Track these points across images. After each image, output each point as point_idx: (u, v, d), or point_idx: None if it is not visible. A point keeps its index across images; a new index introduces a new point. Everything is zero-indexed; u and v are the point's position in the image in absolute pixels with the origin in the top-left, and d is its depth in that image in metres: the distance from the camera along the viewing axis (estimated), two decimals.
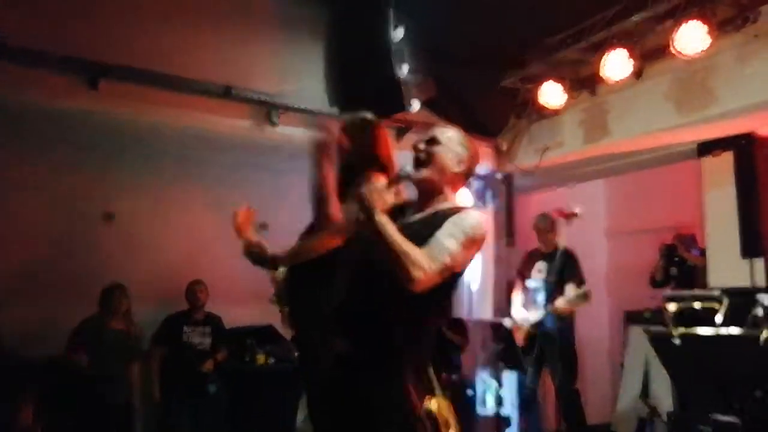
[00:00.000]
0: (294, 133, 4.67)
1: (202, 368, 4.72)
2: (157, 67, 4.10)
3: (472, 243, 2.01)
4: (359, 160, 2.81)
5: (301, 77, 4.79)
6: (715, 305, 2.63)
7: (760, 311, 2.36)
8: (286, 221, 2.93)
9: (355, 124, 2.90)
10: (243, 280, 3.60)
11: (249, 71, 4.55)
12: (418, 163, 2.16)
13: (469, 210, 2.08)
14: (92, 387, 4.27)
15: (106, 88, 3.91)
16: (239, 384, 4.83)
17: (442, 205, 2.14)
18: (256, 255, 2.84)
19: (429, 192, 2.18)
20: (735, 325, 2.73)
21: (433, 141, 2.17)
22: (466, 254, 2.01)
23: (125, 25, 4.04)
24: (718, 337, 2.52)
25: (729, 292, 2.84)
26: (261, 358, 4.97)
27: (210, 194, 5.27)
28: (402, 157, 2.34)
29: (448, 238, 1.97)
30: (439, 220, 2.06)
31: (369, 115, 2.91)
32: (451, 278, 2.02)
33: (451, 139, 2.19)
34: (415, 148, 2.19)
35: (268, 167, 5.31)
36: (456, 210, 2.08)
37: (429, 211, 2.14)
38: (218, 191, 5.22)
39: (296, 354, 4.72)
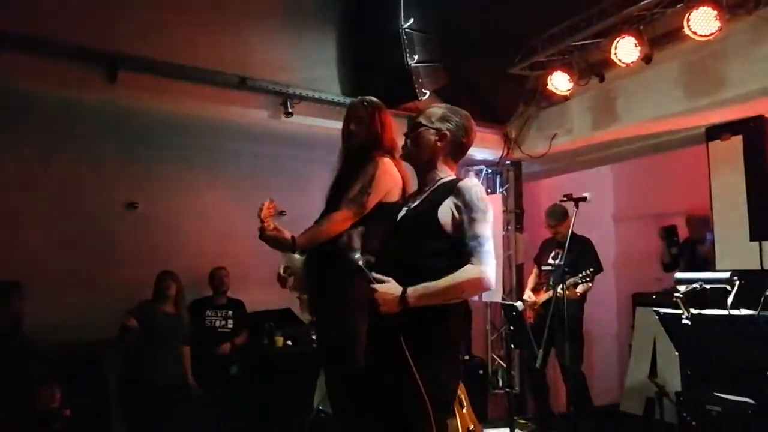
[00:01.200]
0: (309, 122, 4.75)
1: (220, 350, 4.84)
2: (174, 59, 4.16)
3: (488, 209, 2.14)
4: (364, 143, 2.90)
5: (315, 67, 4.85)
6: (726, 287, 2.70)
7: None
8: (303, 208, 3.00)
9: (359, 107, 2.97)
10: (262, 265, 3.68)
11: (263, 62, 4.61)
12: (403, 147, 2.31)
13: (463, 183, 2.16)
14: (141, 367, 4.43)
15: (124, 79, 3.97)
16: (259, 366, 4.94)
17: (437, 181, 2.25)
18: (274, 238, 2.90)
19: (422, 171, 2.31)
20: (745, 307, 2.79)
21: (416, 124, 2.29)
22: (489, 221, 2.14)
23: (142, 16, 4.10)
24: (729, 319, 2.59)
25: (740, 274, 2.89)
26: (279, 341, 5.07)
27: (228, 182, 5.37)
28: None
29: (475, 227, 2.08)
30: (437, 195, 2.18)
31: (373, 99, 2.98)
32: None
33: (430, 116, 2.29)
34: (405, 134, 2.33)
35: (285, 156, 5.39)
36: (449, 185, 2.18)
37: (427, 189, 2.26)
38: (236, 179, 5.33)
39: (314, 337, 4.85)
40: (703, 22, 3.88)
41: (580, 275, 4.65)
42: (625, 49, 4.38)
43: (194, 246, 5.18)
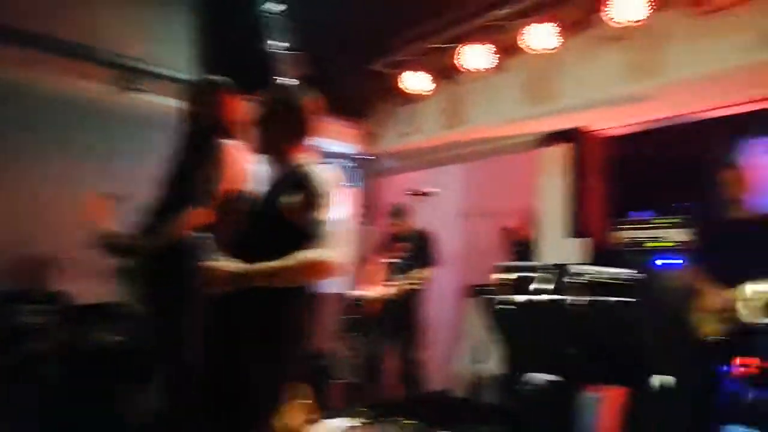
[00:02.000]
0: (157, 100, 4.54)
1: (34, 349, 4.43)
2: (12, 23, 3.80)
3: (329, 193, 2.17)
4: (207, 126, 2.84)
5: (167, 43, 4.63)
6: (541, 275, 3.00)
7: (569, 279, 2.73)
8: (145, 191, 2.88)
9: (200, 88, 2.91)
10: (87, 255, 3.44)
11: (110, 33, 4.34)
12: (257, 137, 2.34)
13: (304, 169, 2.21)
14: None
15: None
16: (81, 364, 4.51)
17: (284, 169, 2.29)
18: (116, 245, 2.77)
19: (271, 158, 2.34)
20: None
21: (258, 114, 2.34)
22: (331, 205, 2.17)
23: None
24: (533, 303, 2.89)
25: (552, 266, 3.22)
26: (104, 336, 4.74)
27: (62, 161, 4.85)
28: None
29: (315, 212, 2.11)
30: (283, 183, 2.22)
31: (218, 79, 2.93)
32: None
33: (265, 104, 2.35)
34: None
35: (128, 134, 5.00)
36: (295, 171, 2.23)
37: (278, 175, 2.29)
38: (71, 158, 4.87)
39: (146, 332, 4.58)
40: (542, 37, 4.24)
41: (411, 281, 4.87)
42: (475, 56, 4.69)
43: (12, 231, 4.59)
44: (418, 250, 4.84)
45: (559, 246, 4.90)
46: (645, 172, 4.55)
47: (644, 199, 4.23)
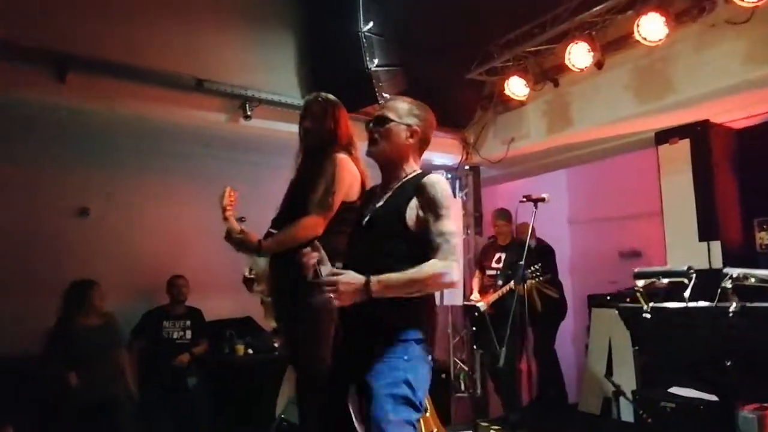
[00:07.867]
0: (268, 125, 4.67)
1: (178, 362, 4.68)
2: (127, 60, 4.00)
3: (451, 204, 2.13)
4: (320, 140, 2.91)
5: (275, 69, 4.78)
6: (684, 280, 2.77)
7: (728, 284, 2.50)
8: (261, 215, 2.97)
9: (313, 104, 2.98)
10: (222, 272, 3.59)
11: (221, 63, 4.50)
12: (372, 143, 2.24)
13: (427, 179, 2.14)
14: (71, 389, 4.15)
15: (74, 80, 3.80)
16: (219, 376, 4.80)
17: (402, 179, 2.22)
18: (241, 241, 2.84)
19: (390, 168, 2.26)
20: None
21: (384, 119, 2.22)
22: (452, 216, 2.13)
23: (94, 16, 3.94)
24: (688, 311, 2.66)
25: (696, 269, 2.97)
26: (240, 350, 4.95)
27: (185, 188, 5.20)
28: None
29: (440, 223, 2.06)
30: (407, 191, 2.15)
31: (328, 96, 2.99)
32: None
33: (398, 110, 2.24)
34: (368, 129, 2.26)
35: (243, 161, 5.23)
36: (415, 181, 2.16)
37: (395, 185, 2.22)
38: (193, 185, 5.14)
39: (279, 344, 4.78)
40: (651, 29, 4.01)
41: (530, 270, 4.65)
42: (578, 55, 4.48)
43: (149, 254, 5.01)
44: (516, 257, 4.64)
45: (688, 250, 4.57)
46: None
47: None
